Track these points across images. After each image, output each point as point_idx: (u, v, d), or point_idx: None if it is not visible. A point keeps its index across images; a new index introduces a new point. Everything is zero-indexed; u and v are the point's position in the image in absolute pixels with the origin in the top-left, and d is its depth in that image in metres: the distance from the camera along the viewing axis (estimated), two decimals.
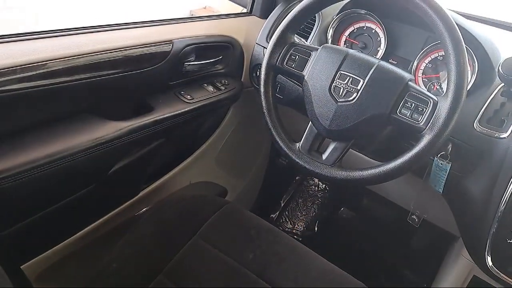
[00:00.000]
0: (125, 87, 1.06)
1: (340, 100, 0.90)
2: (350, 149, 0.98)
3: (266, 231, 1.09)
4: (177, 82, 1.18)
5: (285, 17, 1.00)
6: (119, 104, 1.09)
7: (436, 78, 1.11)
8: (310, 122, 0.96)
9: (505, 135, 0.94)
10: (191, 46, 1.16)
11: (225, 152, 1.56)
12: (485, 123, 0.98)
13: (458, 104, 0.80)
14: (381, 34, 1.18)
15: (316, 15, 1.24)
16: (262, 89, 0.99)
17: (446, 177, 0.98)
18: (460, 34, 0.82)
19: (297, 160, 0.94)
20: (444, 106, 0.81)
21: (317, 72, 0.94)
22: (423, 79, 1.12)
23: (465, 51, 0.82)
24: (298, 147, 0.96)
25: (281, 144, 0.96)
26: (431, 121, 0.82)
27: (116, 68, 1.00)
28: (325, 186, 2.11)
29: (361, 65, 0.90)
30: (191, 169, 1.42)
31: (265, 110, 0.99)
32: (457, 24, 0.98)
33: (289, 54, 0.98)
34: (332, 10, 1.22)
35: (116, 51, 0.99)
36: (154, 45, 1.06)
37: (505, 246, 0.92)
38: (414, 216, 1.09)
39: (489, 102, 0.99)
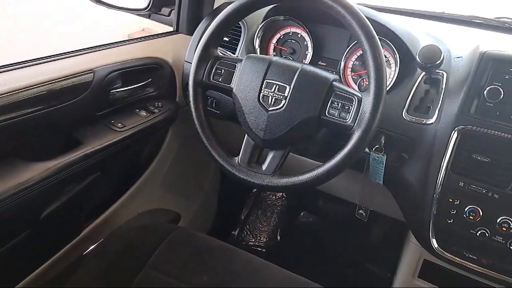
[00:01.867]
0: (51, 123, 1.01)
1: (270, 108, 0.90)
2: (296, 154, 0.98)
3: (219, 251, 1.07)
4: (105, 111, 1.14)
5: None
6: (45, 142, 1.04)
7: (365, 74, 1.13)
8: (246, 134, 0.95)
9: (431, 120, 0.97)
10: (115, 72, 1.12)
11: (172, 176, 1.52)
12: (413, 112, 1.00)
13: (380, 98, 0.82)
14: (307, 38, 1.19)
15: (242, 26, 1.24)
16: (192, 107, 0.97)
17: (383, 168, 1.00)
18: (372, 29, 0.84)
19: (237, 174, 0.93)
20: (367, 102, 0.83)
21: (244, 83, 0.93)
22: (353, 76, 1.14)
23: (380, 46, 0.84)
24: (238, 160, 0.95)
25: (219, 159, 0.95)
26: (358, 118, 0.84)
27: (38, 104, 0.96)
28: (282, 194, 2.10)
29: (286, 72, 0.90)
30: (137, 198, 1.37)
31: (198, 128, 0.97)
32: (371, 18, 1.01)
33: (214, 68, 0.97)
34: (256, 20, 1.22)
35: (37, 87, 0.95)
36: (75, 76, 1.02)
37: (446, 226, 0.95)
38: (361, 211, 1.10)
39: (414, 91, 1.02)
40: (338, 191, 1.34)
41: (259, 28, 1.20)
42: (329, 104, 0.87)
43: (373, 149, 1.00)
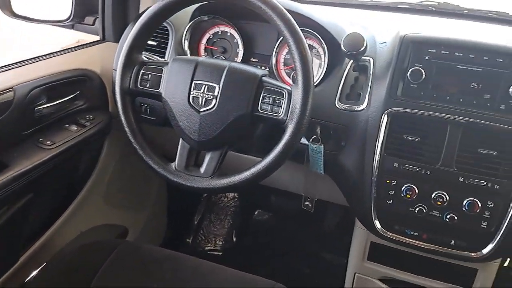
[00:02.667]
0: None
1: (202, 109, 0.89)
2: (238, 153, 0.98)
3: (167, 261, 1.04)
4: (32, 130, 1.08)
5: None
6: None
7: None
8: (180, 138, 0.93)
9: (362, 106, 0.99)
10: (39, 88, 1.07)
11: (114, 189, 1.46)
12: (345, 100, 1.02)
13: (309, 90, 0.83)
14: (236, 36, 1.18)
15: (169, 28, 1.21)
16: (122, 116, 0.94)
17: (322, 158, 1.02)
18: (294, 22, 0.85)
19: (174, 179, 0.91)
20: (297, 95, 0.83)
21: (172, 86, 0.91)
22: (286, 70, 1.15)
23: (303, 38, 0.85)
24: (175, 166, 0.93)
25: (154, 166, 0.93)
26: (289, 111, 0.84)
27: None
28: (234, 195, 2.09)
29: (213, 71, 0.89)
30: (78, 216, 1.31)
31: (130, 137, 0.94)
32: (294, 11, 1.03)
33: (140, 74, 0.94)
34: (183, 21, 1.20)
35: None
36: None
37: (386, 207, 0.98)
38: (307, 203, 1.11)
39: (344, 79, 1.04)
40: (284, 185, 1.35)
41: (186, 30, 1.18)
42: (260, 99, 0.87)
43: (310, 140, 1.01)
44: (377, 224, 1.00)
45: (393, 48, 0.98)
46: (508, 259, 1.82)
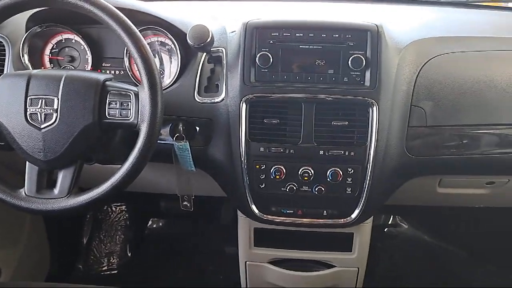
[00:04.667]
0: None
1: (43, 126, 0.82)
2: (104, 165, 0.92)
3: None
4: None
5: None
6: None
7: (159, 64, 1.10)
8: (26, 161, 0.84)
9: (222, 97, 0.99)
10: None
11: None
12: (204, 93, 1.01)
13: (155, 88, 0.81)
14: (82, 42, 1.10)
15: (4, 44, 1.08)
16: None
17: (190, 154, 1.00)
18: (128, 21, 0.81)
19: (25, 206, 0.83)
20: (144, 95, 0.81)
21: (5, 106, 0.83)
22: None
23: (140, 36, 0.82)
24: (24, 191, 0.84)
25: (1, 196, 0.83)
26: (139, 113, 0.81)
27: None
28: (121, 208, 1.99)
29: (49, 83, 0.82)
30: None
31: None
32: (138, 10, 0.99)
33: None
34: (19, 34, 1.08)
35: None
36: None
37: (260, 191, 1.00)
38: (185, 203, 1.08)
39: (200, 72, 1.03)
40: (159, 188, 1.31)
41: (22, 43, 1.06)
42: (107, 105, 0.83)
43: (174, 138, 0.98)
44: (255, 209, 1.02)
45: (240, 36, 0.99)
46: (391, 217, 2.03)
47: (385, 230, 2.01)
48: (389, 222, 2.02)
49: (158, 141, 0.96)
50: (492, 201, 1.29)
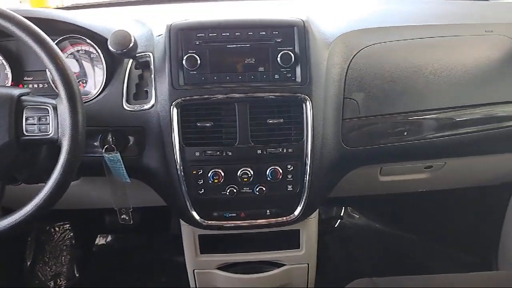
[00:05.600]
0: None
1: None
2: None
3: None
4: None
5: None
6: None
7: (82, 73, 1.04)
8: None
9: (152, 103, 0.96)
10: None
11: None
12: (133, 100, 0.97)
13: (74, 99, 0.77)
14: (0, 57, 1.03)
15: None
16: None
17: (123, 165, 0.95)
18: (38, 31, 0.77)
19: None
20: (63, 107, 0.77)
21: None
22: None
23: (54, 45, 0.78)
24: None
25: None
26: (59, 127, 0.77)
27: None
28: (64, 227, 1.88)
29: None
30: None
31: None
32: (54, 19, 0.93)
33: None
34: None
35: None
36: None
37: (200, 197, 0.97)
38: (123, 216, 1.04)
39: (127, 79, 0.99)
40: (96, 202, 1.25)
41: None
42: (24, 121, 0.78)
43: (104, 150, 0.93)
44: (196, 216, 0.99)
45: (165, 39, 0.96)
46: (343, 208, 2.06)
47: (338, 222, 2.03)
48: (341, 214, 2.05)
49: (87, 154, 0.91)
50: (432, 185, 1.33)
